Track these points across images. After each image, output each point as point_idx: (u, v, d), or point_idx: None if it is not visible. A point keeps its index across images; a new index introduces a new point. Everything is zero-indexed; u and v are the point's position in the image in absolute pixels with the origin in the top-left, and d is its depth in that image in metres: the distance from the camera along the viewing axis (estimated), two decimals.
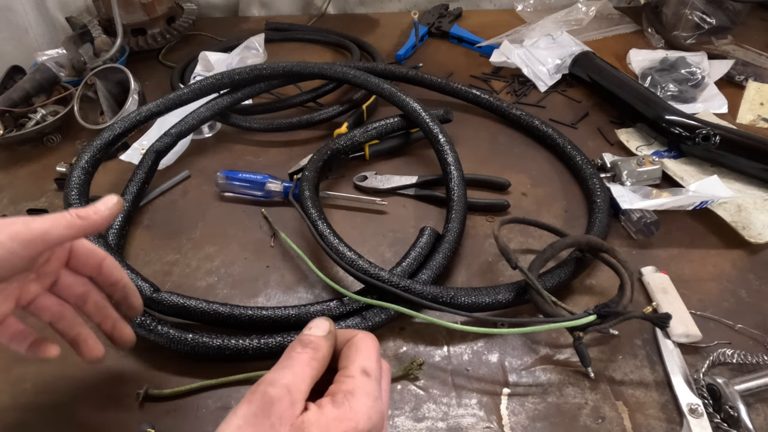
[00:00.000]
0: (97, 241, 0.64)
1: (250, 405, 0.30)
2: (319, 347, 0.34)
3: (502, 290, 0.60)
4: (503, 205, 0.76)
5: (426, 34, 1.20)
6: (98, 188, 0.79)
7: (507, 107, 0.90)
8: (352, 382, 0.32)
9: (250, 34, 1.11)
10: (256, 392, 0.30)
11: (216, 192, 0.81)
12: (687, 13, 1.09)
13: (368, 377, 0.33)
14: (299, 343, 0.34)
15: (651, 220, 0.69)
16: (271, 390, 0.30)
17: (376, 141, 0.84)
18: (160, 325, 0.58)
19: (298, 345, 0.34)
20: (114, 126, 0.78)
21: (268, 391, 0.30)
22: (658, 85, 0.94)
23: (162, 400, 0.55)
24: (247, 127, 0.90)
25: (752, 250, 0.69)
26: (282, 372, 0.32)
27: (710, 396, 0.52)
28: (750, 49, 1.07)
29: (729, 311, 0.61)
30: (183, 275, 0.69)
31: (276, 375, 0.31)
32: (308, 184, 0.72)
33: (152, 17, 1.15)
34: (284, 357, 0.33)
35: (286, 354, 0.34)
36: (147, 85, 1.05)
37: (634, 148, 0.84)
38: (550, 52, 1.04)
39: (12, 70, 0.98)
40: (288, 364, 0.32)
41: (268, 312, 0.58)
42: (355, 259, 0.61)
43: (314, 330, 0.35)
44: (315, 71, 0.87)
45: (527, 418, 0.53)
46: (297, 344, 0.34)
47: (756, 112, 0.92)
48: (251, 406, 0.30)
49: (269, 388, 0.30)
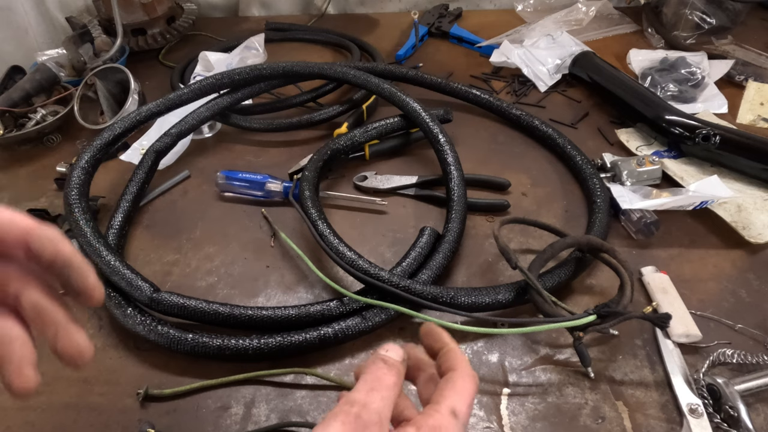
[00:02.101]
0: (96, 239, 0.64)
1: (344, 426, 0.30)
2: (401, 373, 0.33)
3: (502, 290, 0.60)
4: (503, 205, 0.76)
5: (426, 34, 1.20)
6: (98, 188, 0.79)
7: (507, 107, 0.90)
8: (440, 419, 0.31)
9: (250, 34, 1.11)
10: (350, 414, 0.30)
11: (216, 192, 0.81)
12: (687, 13, 1.09)
13: (456, 420, 0.32)
14: (384, 364, 0.33)
15: (651, 220, 0.69)
16: (365, 415, 0.30)
17: (376, 141, 0.84)
18: (160, 325, 0.58)
19: (383, 365, 0.33)
20: (114, 126, 0.78)
21: (362, 415, 0.30)
22: (658, 85, 0.94)
23: (162, 400, 0.55)
24: (247, 127, 0.91)
25: (752, 250, 0.69)
26: (372, 395, 0.31)
27: (710, 396, 0.52)
28: (750, 49, 1.07)
29: (729, 311, 0.61)
30: (183, 275, 0.69)
31: (367, 398, 0.31)
32: (308, 184, 0.72)
33: (152, 17, 1.15)
34: (370, 376, 0.32)
35: (371, 373, 0.33)
36: (147, 85, 1.05)
37: (634, 148, 0.84)
38: (550, 52, 1.04)
39: (12, 70, 0.98)
40: (376, 387, 0.32)
41: (268, 312, 0.58)
42: (355, 259, 0.61)
43: (392, 354, 0.34)
44: (315, 71, 0.87)
45: (527, 418, 0.53)
46: (382, 364, 0.33)
47: (756, 112, 0.92)
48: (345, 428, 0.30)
49: (363, 412, 0.30)
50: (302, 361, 0.58)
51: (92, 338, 0.62)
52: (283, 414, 0.54)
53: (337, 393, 0.56)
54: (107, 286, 0.63)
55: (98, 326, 0.63)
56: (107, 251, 0.62)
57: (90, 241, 0.63)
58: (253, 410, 0.55)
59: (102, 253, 0.62)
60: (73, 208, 0.66)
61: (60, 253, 0.31)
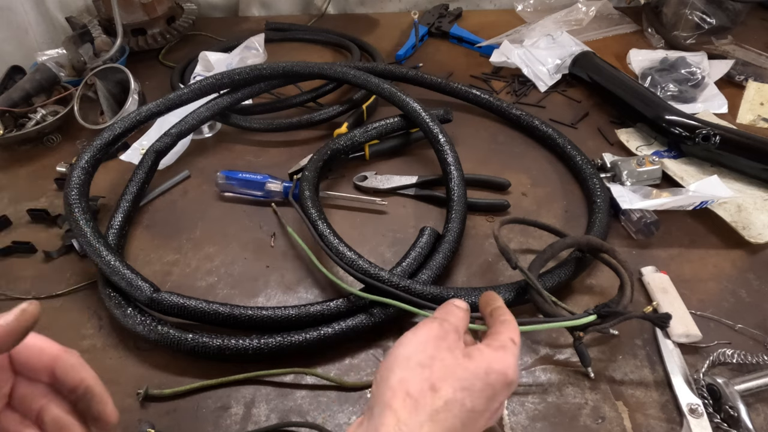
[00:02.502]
0: (96, 239, 0.64)
1: (430, 330, 0.39)
2: (467, 312, 0.43)
3: (502, 290, 0.60)
4: (503, 205, 0.76)
5: (426, 34, 1.20)
6: (98, 188, 0.79)
7: (507, 107, 0.90)
8: (504, 341, 0.39)
9: (250, 34, 1.11)
10: (434, 321, 0.40)
11: (216, 192, 0.81)
12: (687, 13, 1.09)
13: (515, 346, 0.40)
14: (452, 305, 0.43)
15: (651, 220, 0.69)
16: (445, 324, 0.40)
17: (376, 141, 0.84)
18: (160, 325, 0.58)
19: (452, 306, 0.43)
20: (114, 126, 0.78)
21: (443, 323, 0.40)
22: (658, 85, 0.94)
23: (162, 400, 0.55)
24: (247, 127, 0.90)
25: (752, 250, 0.69)
26: (448, 316, 0.41)
27: (710, 396, 0.52)
28: (750, 49, 1.07)
29: (729, 311, 0.61)
30: (183, 275, 0.69)
31: (445, 316, 0.41)
32: (308, 184, 0.72)
33: (152, 17, 1.15)
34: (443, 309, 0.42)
35: (443, 308, 0.42)
36: (147, 85, 1.05)
37: (634, 148, 0.84)
38: (550, 52, 1.04)
39: (12, 70, 0.98)
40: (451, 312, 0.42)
41: (268, 312, 0.58)
42: (355, 259, 0.61)
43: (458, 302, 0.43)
44: (315, 71, 0.87)
45: (527, 418, 0.53)
46: (450, 305, 0.43)
47: (756, 112, 0.92)
48: (431, 331, 0.39)
49: (444, 323, 0.40)
50: (302, 361, 0.58)
51: (92, 338, 0.62)
52: (283, 414, 0.54)
53: (336, 393, 0.56)
54: (107, 286, 0.63)
55: (98, 326, 0.63)
56: (107, 251, 0.62)
57: (90, 241, 0.63)
58: (253, 410, 0.55)
59: (102, 253, 0.62)
60: (73, 208, 0.66)
61: (83, 381, 0.35)
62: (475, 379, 0.36)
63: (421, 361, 0.37)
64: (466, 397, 0.36)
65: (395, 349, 0.39)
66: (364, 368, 0.58)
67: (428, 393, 0.35)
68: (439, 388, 0.35)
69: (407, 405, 0.35)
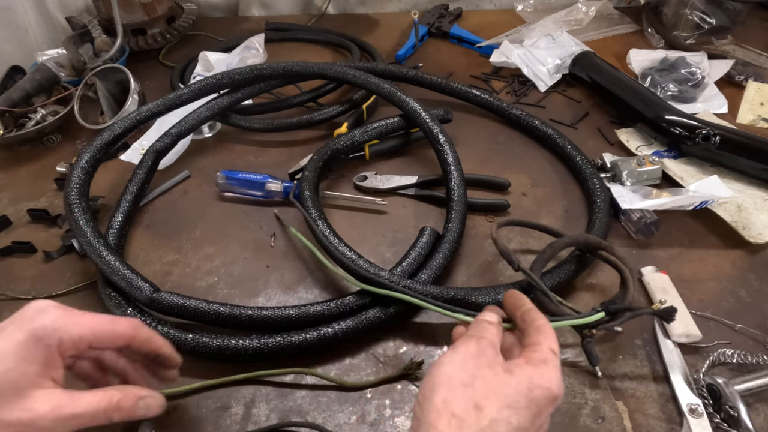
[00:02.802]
0: (96, 239, 0.64)
1: (467, 348, 0.39)
2: (500, 325, 0.44)
3: (503, 290, 0.60)
4: (503, 205, 0.76)
5: (426, 34, 1.20)
6: (98, 188, 0.79)
7: (507, 107, 0.90)
8: (545, 354, 0.39)
9: (250, 34, 1.11)
10: (470, 340, 0.40)
11: (216, 192, 0.81)
12: (687, 13, 1.09)
13: (555, 357, 0.39)
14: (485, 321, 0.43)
15: (651, 220, 0.69)
16: (482, 341, 0.40)
17: (376, 141, 0.84)
18: (160, 325, 0.58)
19: (484, 322, 0.43)
20: (114, 126, 0.78)
21: (480, 341, 0.40)
22: (658, 85, 0.94)
23: None
24: (247, 127, 0.90)
25: (752, 250, 0.69)
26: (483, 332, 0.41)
27: (710, 396, 0.52)
28: (750, 49, 1.07)
29: (729, 311, 0.62)
30: (183, 275, 0.69)
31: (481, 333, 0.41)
32: (308, 184, 0.72)
33: (152, 17, 1.15)
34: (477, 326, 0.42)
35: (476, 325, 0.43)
36: (147, 85, 1.05)
37: (634, 148, 0.84)
38: (550, 52, 1.04)
39: (12, 70, 0.98)
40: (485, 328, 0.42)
41: (268, 312, 0.58)
42: (355, 259, 0.61)
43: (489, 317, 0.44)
44: (315, 71, 0.87)
45: None
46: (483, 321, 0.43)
47: (756, 112, 0.92)
48: (469, 349, 0.39)
49: (481, 340, 0.40)
50: (302, 361, 0.58)
51: None
52: (283, 414, 0.54)
53: (336, 393, 0.56)
54: (107, 286, 0.63)
55: None
56: (107, 251, 0.62)
57: (90, 241, 0.63)
58: (253, 410, 0.55)
59: (102, 253, 0.62)
60: (73, 208, 0.66)
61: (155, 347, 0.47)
62: (518, 395, 0.36)
63: (463, 381, 0.37)
64: (512, 414, 0.36)
65: (436, 368, 0.38)
66: (364, 368, 0.58)
67: (473, 412, 0.35)
68: (484, 407, 0.35)
69: (453, 425, 0.35)
